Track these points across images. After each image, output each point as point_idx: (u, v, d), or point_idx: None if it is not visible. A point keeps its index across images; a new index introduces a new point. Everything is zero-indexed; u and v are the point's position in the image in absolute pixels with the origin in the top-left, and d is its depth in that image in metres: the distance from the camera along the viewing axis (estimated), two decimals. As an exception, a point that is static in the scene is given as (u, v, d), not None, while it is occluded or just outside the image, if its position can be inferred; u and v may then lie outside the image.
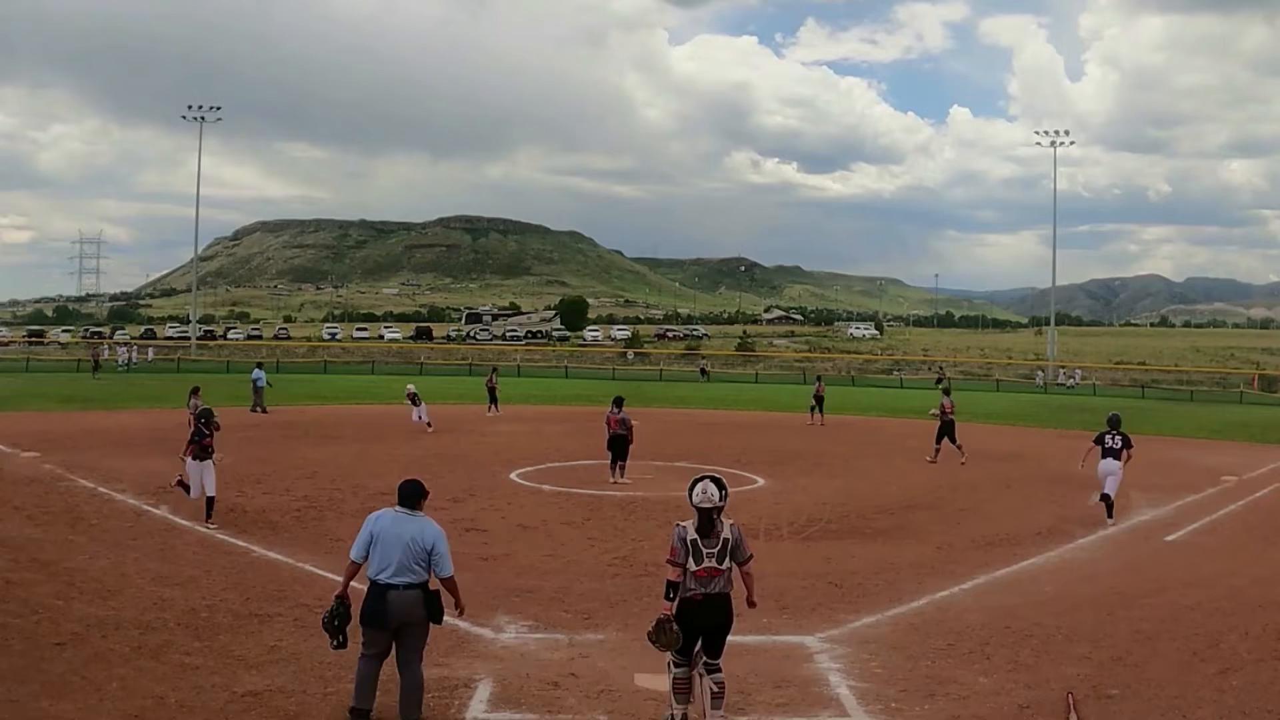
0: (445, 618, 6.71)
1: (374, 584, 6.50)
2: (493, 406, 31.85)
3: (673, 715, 6.57)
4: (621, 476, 17.64)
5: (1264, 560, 12.41)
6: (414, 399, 27.10)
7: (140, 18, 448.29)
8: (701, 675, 6.52)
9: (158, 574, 10.26)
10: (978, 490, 17.88)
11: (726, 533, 6.50)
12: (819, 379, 35.29)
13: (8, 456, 18.27)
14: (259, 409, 29.50)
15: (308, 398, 35.65)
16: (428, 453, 21.34)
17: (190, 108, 73.38)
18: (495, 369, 35.00)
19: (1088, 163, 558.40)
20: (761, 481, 18.22)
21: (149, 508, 13.93)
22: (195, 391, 19.80)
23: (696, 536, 6.46)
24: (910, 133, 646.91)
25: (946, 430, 21.76)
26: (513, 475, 18.12)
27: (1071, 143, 74.90)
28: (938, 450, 21.62)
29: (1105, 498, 14.67)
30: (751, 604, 6.67)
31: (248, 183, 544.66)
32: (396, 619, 6.45)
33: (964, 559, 12.11)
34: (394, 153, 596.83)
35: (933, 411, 22.77)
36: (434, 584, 6.62)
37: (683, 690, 6.58)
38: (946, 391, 23.17)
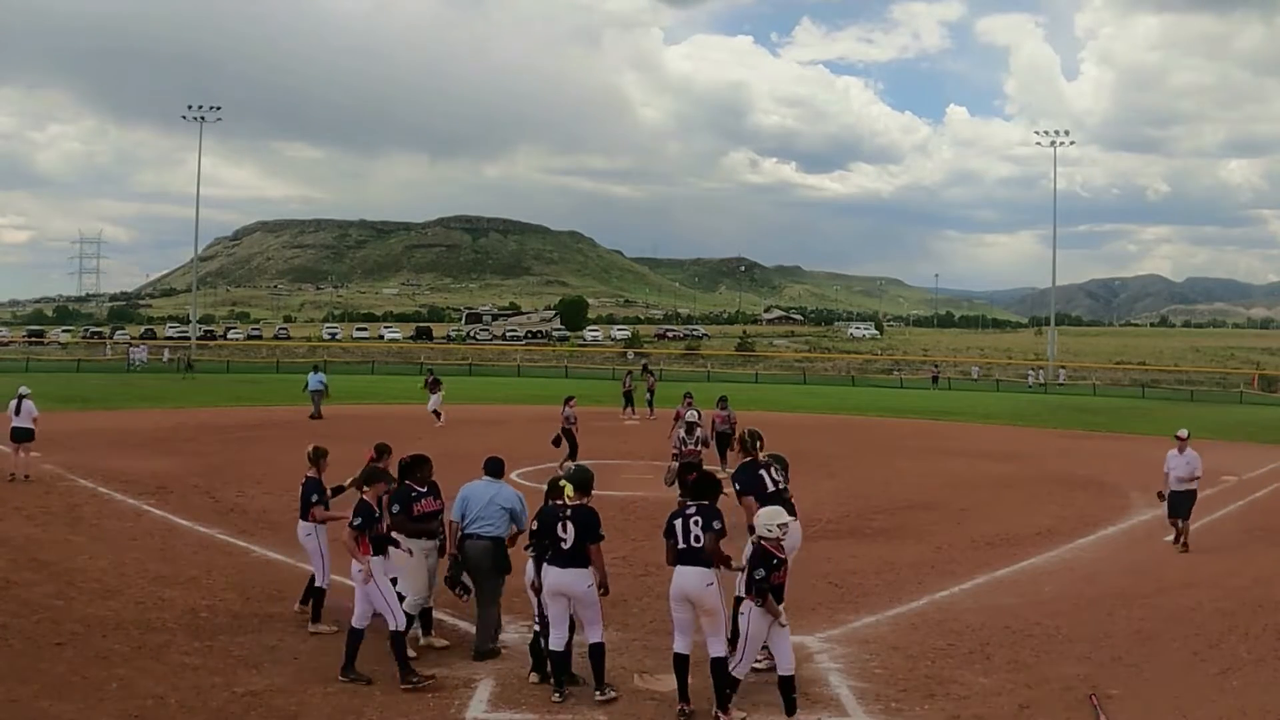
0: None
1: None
2: (650, 410, 31.89)
3: None
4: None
5: (1264, 560, 12.40)
6: (433, 385, 27.43)
7: (137, 17, 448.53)
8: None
9: (158, 574, 10.27)
10: (978, 490, 17.86)
11: (700, 434, 15.23)
12: (640, 373, 35.38)
13: (6, 456, 18.26)
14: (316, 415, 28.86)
15: (308, 398, 35.57)
16: (428, 451, 21.30)
17: (190, 108, 73.29)
18: (654, 374, 36.04)
19: (1085, 162, 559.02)
20: (761, 481, 18.18)
21: (149, 508, 13.92)
22: None
23: (685, 435, 15.06)
24: (908, 132, 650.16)
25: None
26: (513, 475, 18.08)
27: (1071, 143, 74.80)
28: None
29: None
30: None
31: (247, 183, 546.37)
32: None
33: (964, 559, 12.11)
34: (393, 153, 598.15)
35: None
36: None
37: None
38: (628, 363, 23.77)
